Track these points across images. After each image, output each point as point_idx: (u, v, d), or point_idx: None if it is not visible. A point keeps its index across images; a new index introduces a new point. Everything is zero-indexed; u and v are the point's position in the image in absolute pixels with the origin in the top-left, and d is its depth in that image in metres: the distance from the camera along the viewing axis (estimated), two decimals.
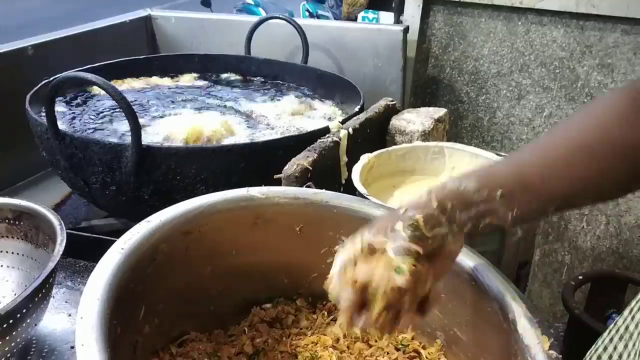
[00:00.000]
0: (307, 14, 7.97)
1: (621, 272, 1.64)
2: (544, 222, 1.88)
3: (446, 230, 0.61)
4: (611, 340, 0.78)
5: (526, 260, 1.17)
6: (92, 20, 1.84)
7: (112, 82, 1.53)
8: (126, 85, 1.62)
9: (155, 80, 1.68)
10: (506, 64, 1.83)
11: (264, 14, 7.69)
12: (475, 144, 1.94)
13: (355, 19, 2.01)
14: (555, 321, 1.77)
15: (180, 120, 1.32)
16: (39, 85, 1.29)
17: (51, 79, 1.10)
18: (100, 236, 1.10)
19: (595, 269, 1.80)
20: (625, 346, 0.74)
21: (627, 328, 0.75)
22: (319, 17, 7.87)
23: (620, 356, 0.75)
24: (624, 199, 1.78)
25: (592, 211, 1.84)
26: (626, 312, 0.77)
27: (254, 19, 1.78)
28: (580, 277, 1.55)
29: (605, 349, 0.79)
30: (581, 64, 1.74)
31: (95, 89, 1.49)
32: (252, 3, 8.37)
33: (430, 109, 1.31)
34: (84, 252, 1.07)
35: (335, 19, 5.24)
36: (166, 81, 1.69)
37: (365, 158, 1.03)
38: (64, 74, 1.02)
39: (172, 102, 1.51)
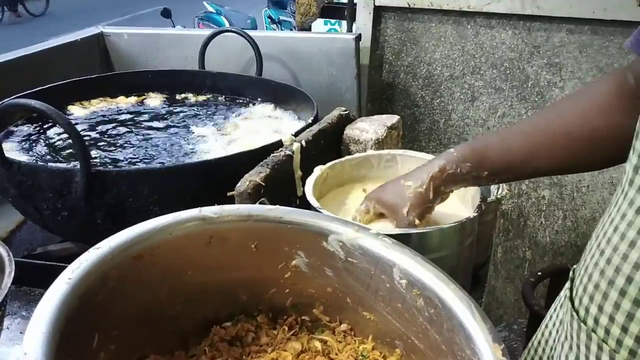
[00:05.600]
0: (269, 20, 8.01)
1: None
2: (503, 219, 1.92)
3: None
4: (550, 317, 0.88)
5: (484, 261, 1.19)
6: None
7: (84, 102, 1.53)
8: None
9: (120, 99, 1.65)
10: (458, 67, 1.86)
11: (226, 22, 7.70)
12: (433, 146, 1.97)
13: (309, 29, 2.02)
14: (519, 317, 1.81)
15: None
16: None
17: None
18: (54, 263, 1.07)
19: (553, 264, 1.84)
20: (561, 322, 0.81)
21: (561, 306, 0.83)
22: (281, 22, 7.92)
23: (557, 331, 0.83)
24: (579, 194, 1.82)
25: (549, 206, 1.88)
26: (562, 292, 0.85)
27: (207, 32, 1.77)
28: (539, 273, 1.58)
29: (546, 326, 0.88)
30: (530, 64, 1.78)
31: None
32: (214, 12, 8.35)
33: (384, 116, 1.32)
34: (38, 280, 1.04)
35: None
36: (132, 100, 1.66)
37: (318, 170, 1.04)
38: (6, 101, 1.00)
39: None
